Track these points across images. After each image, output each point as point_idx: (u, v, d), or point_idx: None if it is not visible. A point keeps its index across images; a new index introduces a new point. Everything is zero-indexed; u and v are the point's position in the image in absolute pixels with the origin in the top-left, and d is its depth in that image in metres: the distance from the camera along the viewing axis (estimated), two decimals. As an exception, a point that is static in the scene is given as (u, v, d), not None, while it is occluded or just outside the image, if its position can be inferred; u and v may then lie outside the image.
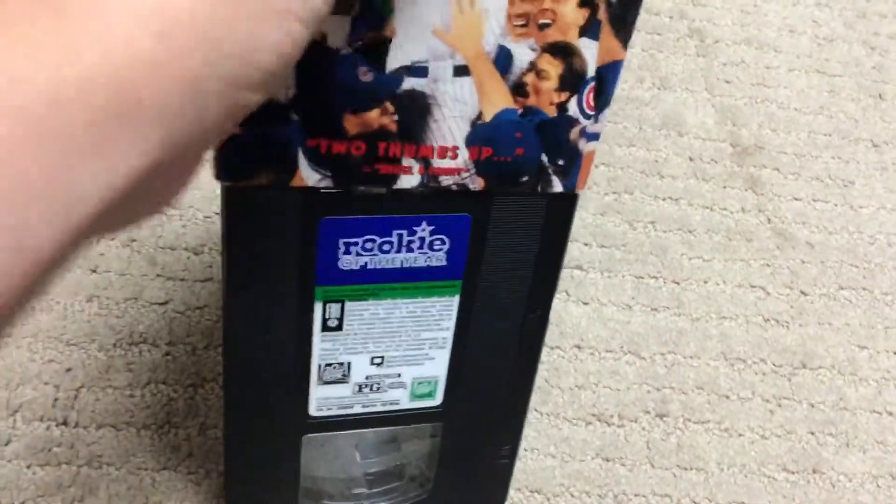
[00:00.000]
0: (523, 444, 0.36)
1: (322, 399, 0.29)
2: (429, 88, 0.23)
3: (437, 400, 0.30)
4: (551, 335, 0.39)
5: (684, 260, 0.44)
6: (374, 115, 0.23)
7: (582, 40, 0.23)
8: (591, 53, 0.24)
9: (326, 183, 0.24)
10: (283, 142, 0.23)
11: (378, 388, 0.29)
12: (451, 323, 0.28)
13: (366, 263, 0.26)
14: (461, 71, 0.23)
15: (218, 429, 0.35)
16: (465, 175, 0.25)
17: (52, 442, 0.34)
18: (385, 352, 0.29)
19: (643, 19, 0.55)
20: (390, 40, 0.22)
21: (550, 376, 0.39)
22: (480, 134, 0.24)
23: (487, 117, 0.24)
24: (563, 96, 0.24)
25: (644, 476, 0.37)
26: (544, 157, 0.25)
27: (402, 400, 0.30)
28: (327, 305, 0.27)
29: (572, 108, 0.24)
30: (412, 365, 0.29)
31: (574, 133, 0.25)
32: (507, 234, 0.27)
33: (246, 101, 0.16)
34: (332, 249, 0.26)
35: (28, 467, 0.34)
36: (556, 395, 0.38)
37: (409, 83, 0.23)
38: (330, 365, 0.28)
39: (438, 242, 0.26)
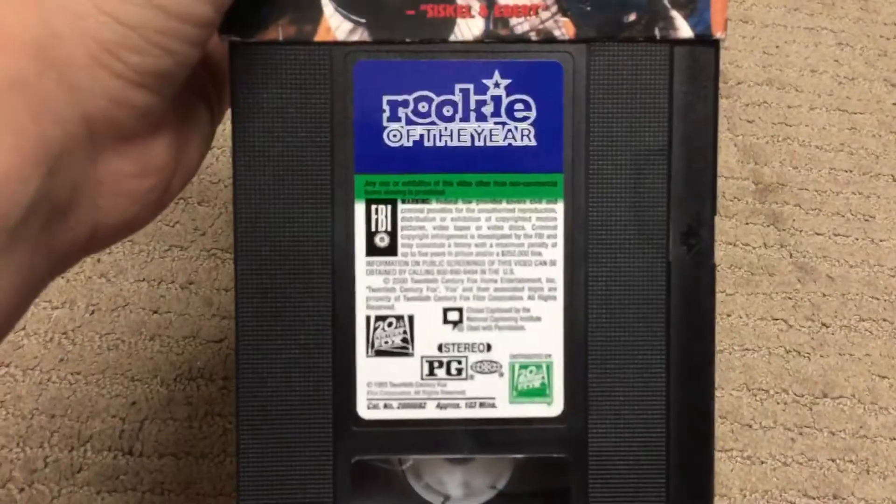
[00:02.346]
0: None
1: (375, 385, 0.19)
2: None
3: (554, 403, 0.20)
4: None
5: (708, 294, 0.46)
6: None
7: None
8: None
9: (360, 34, 0.19)
10: None
11: (459, 371, 0.19)
12: (557, 251, 0.19)
13: (422, 138, 0.19)
14: None
15: (269, 457, 0.38)
16: (545, 16, 0.19)
17: (119, 470, 0.37)
18: (464, 300, 0.19)
19: (667, 63, 0.58)
20: None
21: (579, 407, 0.41)
22: None
23: None
24: None
25: (669, 501, 0.39)
26: None
27: (499, 397, 0.19)
28: (373, 209, 0.19)
29: None
30: (507, 329, 0.19)
31: None
32: (619, 93, 0.19)
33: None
34: (374, 112, 0.19)
35: (97, 493, 0.37)
36: (584, 424, 0.40)
37: None
38: (383, 319, 0.19)
39: (521, 106, 0.19)
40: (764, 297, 0.46)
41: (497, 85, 0.19)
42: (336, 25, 0.18)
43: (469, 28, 0.18)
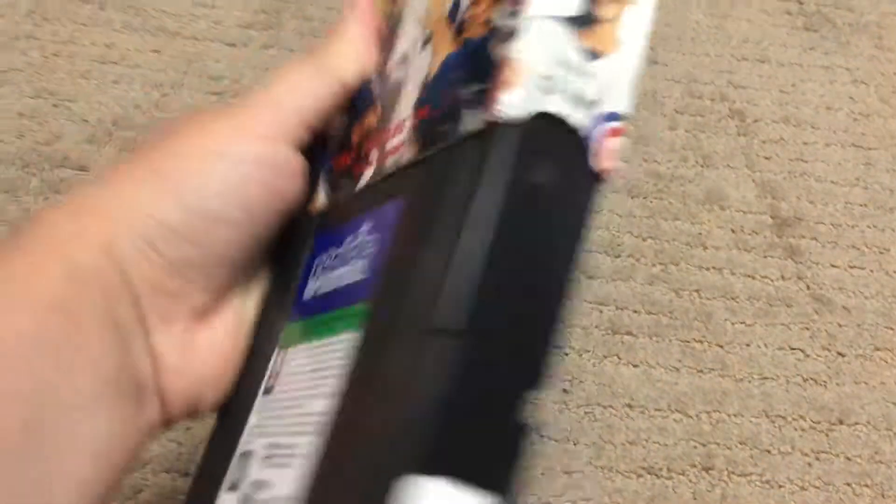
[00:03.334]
0: (579, 492, 0.41)
1: None
2: (405, 71, 0.20)
3: None
4: (603, 394, 0.44)
5: (728, 325, 0.48)
6: (370, 117, 0.21)
7: None
8: None
9: (322, 200, 0.22)
10: (318, 166, 0.21)
11: None
12: (329, 383, 0.17)
13: (318, 288, 0.20)
14: (427, 41, 0.19)
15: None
16: (403, 150, 0.18)
17: (178, 490, 0.40)
18: (276, 438, 0.18)
19: (686, 102, 0.60)
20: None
21: (604, 433, 0.43)
22: (425, 94, 0.18)
23: (433, 73, 0.18)
24: (492, 10, 0.16)
25: (691, 523, 0.41)
26: (463, 91, 0.16)
27: None
28: (276, 354, 0.21)
29: (498, 16, 0.16)
30: (281, 468, 0.17)
31: (495, 42, 0.16)
32: (439, 221, 0.15)
33: None
34: (307, 271, 0.21)
35: (157, 512, 0.40)
36: (609, 450, 0.43)
37: (395, 75, 0.21)
38: (246, 455, 0.20)
39: (369, 245, 0.18)
40: (782, 327, 0.49)
41: (365, 232, 0.18)
42: (321, 198, 0.22)
43: (365, 177, 0.19)
